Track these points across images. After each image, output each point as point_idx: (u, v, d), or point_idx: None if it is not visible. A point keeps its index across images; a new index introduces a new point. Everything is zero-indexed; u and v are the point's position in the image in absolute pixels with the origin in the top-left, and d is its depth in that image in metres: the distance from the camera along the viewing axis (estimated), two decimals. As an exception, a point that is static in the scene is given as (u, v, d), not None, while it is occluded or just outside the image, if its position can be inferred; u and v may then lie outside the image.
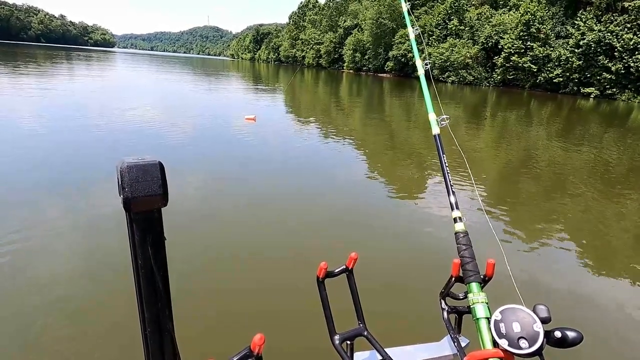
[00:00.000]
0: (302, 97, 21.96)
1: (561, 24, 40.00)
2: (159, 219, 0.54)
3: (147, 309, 0.56)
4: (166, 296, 0.57)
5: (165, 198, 0.52)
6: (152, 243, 0.53)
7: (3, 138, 7.23)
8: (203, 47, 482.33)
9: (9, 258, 3.29)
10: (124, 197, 0.49)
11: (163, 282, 0.56)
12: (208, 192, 5.40)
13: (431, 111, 1.42)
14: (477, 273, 0.91)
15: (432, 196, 5.87)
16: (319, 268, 0.93)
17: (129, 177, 0.49)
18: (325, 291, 0.96)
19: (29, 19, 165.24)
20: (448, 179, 1.16)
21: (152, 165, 0.51)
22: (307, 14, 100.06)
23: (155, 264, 0.54)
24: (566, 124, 17.45)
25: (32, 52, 51.65)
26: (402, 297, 3.26)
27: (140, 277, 0.54)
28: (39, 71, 23.37)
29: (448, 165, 1.21)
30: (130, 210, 0.50)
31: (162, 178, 0.51)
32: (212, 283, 3.25)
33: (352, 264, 0.99)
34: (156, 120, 10.13)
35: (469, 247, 0.97)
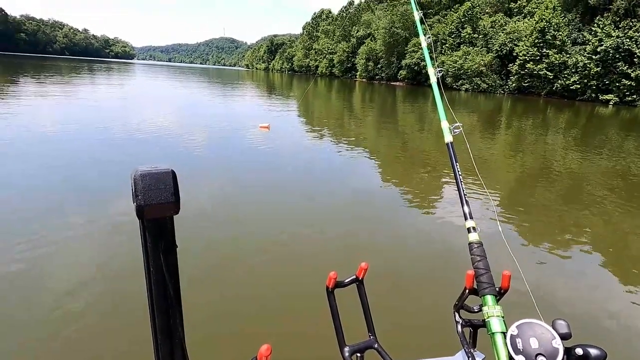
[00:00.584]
0: (315, 105, 22.16)
1: (577, 31, 39.33)
2: (171, 226, 0.55)
3: (158, 316, 0.57)
4: (177, 303, 0.58)
5: (177, 206, 0.53)
6: (164, 250, 0.54)
7: (30, 147, 7.55)
8: (219, 58, 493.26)
9: (25, 263, 3.40)
10: (137, 205, 0.50)
11: (174, 289, 0.57)
12: (221, 198, 5.50)
13: (444, 119, 1.41)
14: (492, 285, 0.88)
15: (445, 205, 5.78)
16: (329, 278, 0.92)
17: (142, 185, 0.50)
18: (335, 302, 0.94)
19: (55, 33, 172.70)
20: (461, 188, 1.14)
21: (164, 173, 0.52)
22: (321, 25, 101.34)
23: (167, 271, 0.55)
24: (584, 131, 17.06)
25: (58, 65, 53.79)
26: (415, 308, 3.17)
27: (152, 284, 0.55)
28: (64, 82, 24.33)
29: (461, 173, 1.18)
30: (143, 218, 0.52)
31: (174, 186, 0.52)
32: (221, 290, 3.24)
33: (363, 274, 0.97)
34: (174, 130, 10.40)
35: (483, 258, 0.94)
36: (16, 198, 4.90)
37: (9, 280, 3.18)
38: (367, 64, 68.90)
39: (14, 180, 5.58)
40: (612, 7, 35.42)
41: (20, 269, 3.32)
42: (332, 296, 0.94)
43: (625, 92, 34.38)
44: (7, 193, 5.04)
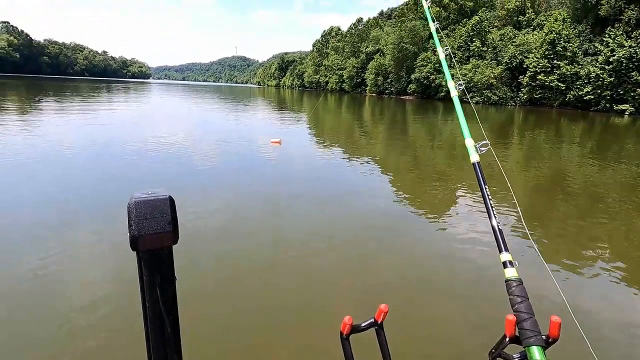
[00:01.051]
0: (326, 120, 22.48)
1: (589, 42, 39.21)
2: (168, 257, 0.51)
3: (154, 354, 0.53)
4: (175, 341, 0.54)
5: (175, 235, 0.49)
6: (160, 283, 0.50)
7: (47, 165, 7.94)
8: (231, 76, 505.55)
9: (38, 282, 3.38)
10: (131, 236, 0.47)
11: (172, 325, 0.53)
12: (232, 213, 5.49)
13: (468, 136, 1.28)
14: (538, 333, 0.76)
15: (471, 230, 5.12)
16: (343, 324, 0.81)
17: (136, 214, 0.47)
18: (351, 349, 0.83)
19: (75, 56, 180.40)
20: (493, 215, 1.00)
21: (161, 200, 0.48)
22: (330, 42, 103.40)
23: (164, 305, 0.51)
24: (600, 141, 16.80)
25: (79, 85, 56.03)
26: (442, 355, 2.80)
27: (148, 320, 0.52)
28: (83, 102, 25.39)
29: (491, 196, 1.01)
30: (137, 249, 0.48)
31: (172, 214, 0.49)
32: (223, 333, 2.93)
33: (382, 317, 0.84)
34: (188, 146, 10.75)
35: (525, 300, 0.81)
36: (31, 213, 4.94)
37: (21, 295, 3.19)
38: (376, 79, 69.70)
39: (31, 196, 5.67)
40: (624, 17, 35.31)
41: (32, 284, 3.34)
42: (347, 343, 0.83)
43: (640, 101, 33.89)
44: (23, 208, 5.11)
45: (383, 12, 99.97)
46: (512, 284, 0.86)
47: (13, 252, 3.95)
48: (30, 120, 14.58)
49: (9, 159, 7.99)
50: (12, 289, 3.33)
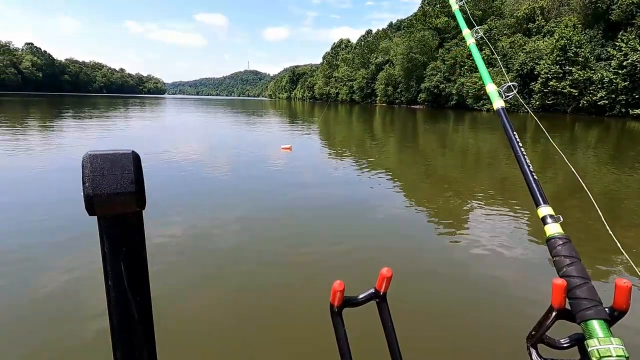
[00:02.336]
0: (336, 129, 22.82)
1: (601, 47, 38.86)
2: (136, 225, 0.43)
3: (119, 346, 0.44)
4: (145, 332, 0.45)
5: (141, 198, 0.42)
6: (125, 257, 0.42)
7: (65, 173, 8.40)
8: (243, 90, 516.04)
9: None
10: (85, 195, 0.39)
11: (140, 310, 0.44)
12: (244, 215, 5.68)
13: (489, 82, 1.16)
14: (598, 303, 0.59)
15: (479, 226, 5.18)
16: (333, 291, 0.62)
17: (91, 169, 0.40)
18: (344, 327, 0.64)
19: (95, 74, 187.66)
20: (525, 163, 0.87)
21: (122, 155, 0.41)
22: (340, 54, 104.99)
23: (130, 285, 0.43)
24: (617, 147, 16.52)
25: (97, 101, 58.20)
26: (461, 338, 2.58)
27: (112, 304, 0.43)
28: (103, 116, 26.45)
29: (522, 145, 0.91)
30: (95, 213, 0.40)
31: (136, 172, 0.41)
32: (210, 316, 2.87)
33: (385, 286, 0.66)
34: (202, 153, 11.17)
35: (576, 261, 0.65)
36: (48, 221, 5.01)
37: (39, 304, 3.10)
38: (386, 89, 70.23)
39: (49, 205, 5.86)
40: (636, 21, 34.97)
41: (51, 292, 3.28)
42: (339, 318, 0.64)
43: (657, 105, 33.23)
44: (41, 217, 5.18)
45: (392, 24, 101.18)
46: (556, 242, 0.70)
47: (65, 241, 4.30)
48: (55, 132, 15.36)
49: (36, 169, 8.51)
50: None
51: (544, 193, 0.81)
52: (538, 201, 0.80)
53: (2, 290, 3.24)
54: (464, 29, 1.45)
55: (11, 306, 3.02)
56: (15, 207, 5.60)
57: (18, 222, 4.98)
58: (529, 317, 0.58)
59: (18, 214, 5.29)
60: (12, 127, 16.85)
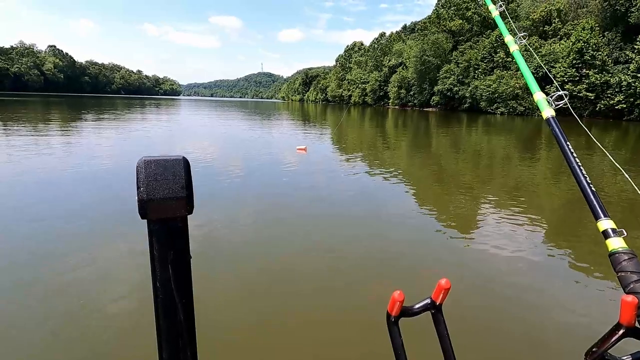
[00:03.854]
0: (349, 131, 23.18)
1: (619, 50, 38.23)
2: (183, 230, 0.43)
3: (165, 345, 0.46)
4: (188, 330, 0.46)
5: (190, 203, 0.42)
6: (173, 260, 0.43)
7: (84, 173, 9.03)
8: (257, 92, 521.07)
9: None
10: (139, 199, 0.40)
11: (185, 311, 0.45)
12: (260, 216, 5.71)
13: (537, 90, 1.13)
14: None
15: (518, 237, 5.01)
16: (392, 301, 0.63)
17: (146, 174, 0.40)
18: (401, 337, 0.66)
19: (113, 75, 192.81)
20: (581, 174, 0.84)
21: (174, 161, 0.42)
22: (353, 56, 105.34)
23: (177, 287, 0.44)
24: (636, 150, 16.28)
25: (116, 102, 59.91)
26: (515, 350, 2.55)
27: (159, 304, 0.44)
28: (122, 117, 27.46)
29: (578, 157, 0.88)
30: (147, 217, 0.41)
31: (186, 178, 0.42)
32: (253, 320, 2.89)
33: (442, 297, 0.65)
34: (218, 153, 11.73)
35: None
36: (63, 219, 5.18)
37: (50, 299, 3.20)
38: (399, 92, 70.23)
39: (65, 202, 6.00)
40: (655, 24, 34.35)
41: (65, 287, 3.39)
42: (397, 328, 0.65)
43: (678, 109, 32.53)
44: (59, 213, 5.39)
45: (406, 26, 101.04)
46: (621, 257, 0.68)
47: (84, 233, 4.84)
48: (70, 131, 16.22)
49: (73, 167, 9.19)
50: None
51: (604, 206, 0.78)
52: (598, 214, 0.77)
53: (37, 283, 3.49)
54: (506, 36, 1.41)
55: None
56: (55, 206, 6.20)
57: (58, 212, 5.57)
58: (580, 333, 0.52)
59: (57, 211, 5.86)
60: (49, 128, 17.82)
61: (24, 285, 3.42)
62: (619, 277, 0.66)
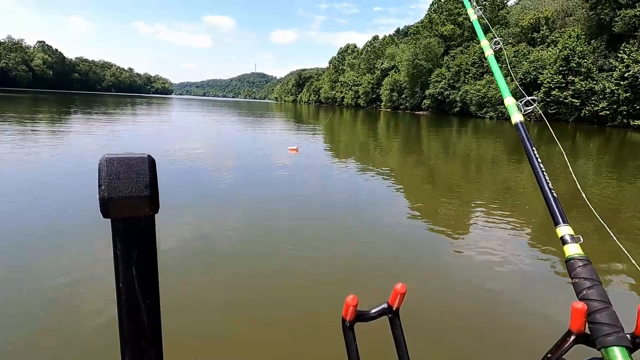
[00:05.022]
0: (341, 132, 23.53)
1: (604, 58, 39.40)
2: (148, 229, 0.42)
3: (127, 350, 0.44)
4: (153, 335, 0.44)
5: (154, 201, 0.41)
6: (137, 260, 0.42)
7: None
8: (250, 92, 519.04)
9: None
10: (100, 197, 0.39)
11: (149, 311, 0.43)
12: (251, 216, 5.71)
13: (508, 95, 1.15)
14: (619, 329, 0.57)
15: (493, 238, 5.18)
16: (345, 306, 0.62)
17: (107, 172, 0.39)
18: (355, 342, 0.64)
19: (104, 73, 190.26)
20: (544, 181, 0.86)
21: (138, 159, 0.41)
22: (346, 59, 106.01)
23: (141, 289, 0.42)
24: (618, 157, 16.69)
25: (106, 100, 59.26)
26: (475, 355, 2.56)
27: (122, 307, 0.43)
28: (112, 115, 27.36)
29: (542, 161, 0.90)
30: (109, 215, 0.40)
31: (150, 176, 0.41)
32: (215, 323, 2.90)
33: (398, 302, 0.65)
34: (210, 153, 11.91)
35: (597, 284, 0.64)
36: (52, 217, 5.19)
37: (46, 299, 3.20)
38: (391, 95, 70.96)
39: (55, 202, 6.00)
40: (638, 33, 35.50)
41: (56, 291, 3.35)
42: (351, 333, 0.65)
43: (658, 117, 33.69)
44: (49, 213, 5.36)
45: (400, 30, 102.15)
46: (575, 264, 0.69)
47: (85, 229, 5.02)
48: (58, 130, 16.21)
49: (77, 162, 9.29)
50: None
51: (564, 212, 0.79)
52: (557, 220, 0.79)
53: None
54: (482, 40, 1.43)
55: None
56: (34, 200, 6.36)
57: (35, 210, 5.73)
58: (545, 338, 0.62)
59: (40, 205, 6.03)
60: (37, 125, 17.73)
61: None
62: (573, 284, 0.67)
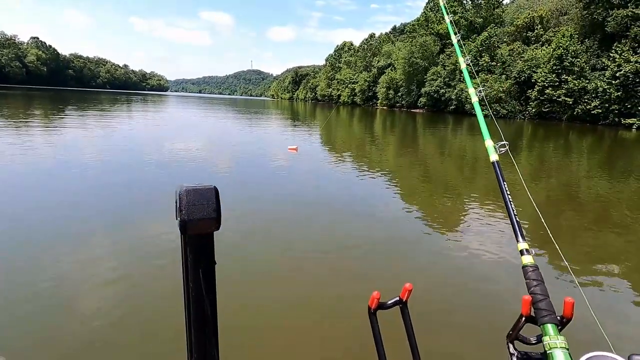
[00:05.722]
0: (338, 131, 23.85)
1: (596, 57, 40.02)
2: (211, 242, 0.55)
3: (194, 334, 0.56)
4: (213, 322, 0.57)
5: (218, 222, 0.53)
6: (203, 267, 0.54)
7: (75, 170, 8.97)
8: (246, 89, 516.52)
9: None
10: (181, 220, 0.50)
11: (211, 307, 0.56)
12: (254, 214, 5.88)
13: (488, 138, 1.39)
14: (552, 313, 0.81)
15: (492, 230, 5.57)
16: (371, 298, 0.85)
17: (187, 201, 0.51)
18: (378, 324, 0.87)
19: (98, 69, 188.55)
20: (511, 208, 1.09)
21: (208, 190, 0.53)
22: (343, 56, 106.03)
23: (205, 288, 0.55)
24: (609, 155, 17.15)
25: (101, 98, 58.85)
26: (463, 337, 2.99)
27: (190, 301, 0.55)
28: (108, 113, 27.45)
29: (510, 193, 1.11)
30: (185, 233, 0.52)
31: (216, 202, 0.53)
32: (256, 317, 3.19)
33: (407, 296, 0.88)
34: (213, 152, 12.20)
35: (540, 283, 0.88)
36: (61, 216, 5.33)
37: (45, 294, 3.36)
38: (387, 93, 71.28)
39: (61, 199, 6.14)
40: (630, 33, 36.09)
41: (58, 285, 3.56)
42: (375, 318, 0.87)
43: (648, 115, 34.38)
44: (51, 211, 5.50)
45: (396, 27, 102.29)
46: (528, 269, 0.93)
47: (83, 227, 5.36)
48: (55, 128, 16.41)
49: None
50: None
51: (523, 231, 1.05)
52: (518, 238, 1.03)
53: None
54: (470, 87, 1.69)
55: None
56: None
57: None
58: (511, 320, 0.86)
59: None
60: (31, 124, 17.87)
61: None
62: (526, 283, 0.91)
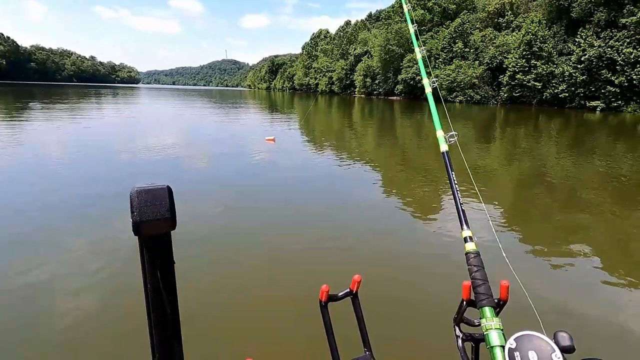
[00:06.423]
0: (317, 119, 23.84)
1: (562, 42, 41.47)
2: (168, 242, 0.55)
3: (156, 333, 0.57)
4: (174, 320, 0.57)
5: (173, 222, 0.53)
6: (161, 266, 0.54)
7: (35, 169, 8.45)
8: (222, 80, 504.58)
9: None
10: (133, 221, 0.50)
11: (171, 305, 0.57)
12: (227, 207, 5.83)
13: (439, 128, 1.41)
14: (490, 296, 0.86)
15: (443, 216, 5.71)
16: (321, 291, 0.89)
17: (138, 202, 0.51)
18: (329, 316, 0.91)
19: (63, 62, 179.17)
20: (457, 197, 1.13)
21: (160, 189, 0.52)
22: (319, 44, 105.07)
23: (164, 287, 0.55)
24: (575, 137, 17.89)
25: (66, 92, 56.19)
26: (413, 322, 3.11)
27: (150, 301, 0.55)
28: (72, 107, 26.33)
29: (457, 182, 1.17)
30: (140, 234, 0.52)
31: (170, 202, 0.53)
32: (216, 307, 3.25)
33: (357, 287, 0.93)
34: (185, 145, 12.00)
35: (480, 269, 0.92)
36: (20, 219, 5.07)
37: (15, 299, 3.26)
38: (364, 80, 71.47)
39: (18, 201, 5.83)
40: (593, 19, 37.53)
41: (23, 289, 3.44)
42: (326, 310, 0.91)
43: (611, 98, 36.13)
44: (12, 215, 5.23)
45: (372, 15, 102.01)
46: (470, 256, 0.97)
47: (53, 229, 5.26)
48: (14, 125, 15.69)
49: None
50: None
51: (467, 219, 1.08)
52: (463, 225, 1.06)
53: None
54: (425, 78, 1.70)
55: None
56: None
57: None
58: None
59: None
60: None
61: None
62: (468, 269, 0.95)
